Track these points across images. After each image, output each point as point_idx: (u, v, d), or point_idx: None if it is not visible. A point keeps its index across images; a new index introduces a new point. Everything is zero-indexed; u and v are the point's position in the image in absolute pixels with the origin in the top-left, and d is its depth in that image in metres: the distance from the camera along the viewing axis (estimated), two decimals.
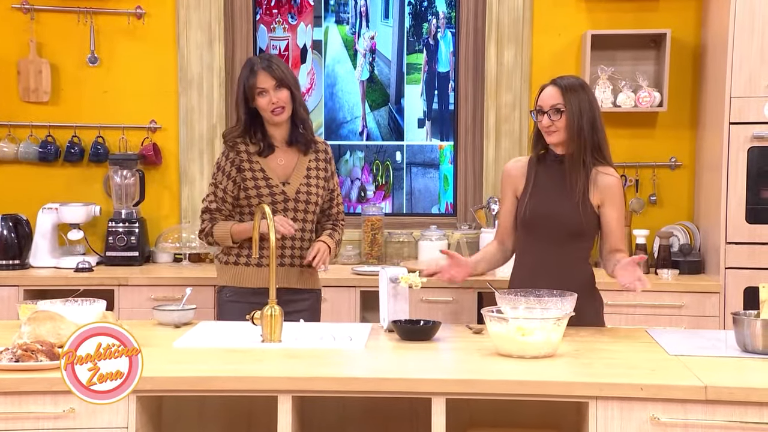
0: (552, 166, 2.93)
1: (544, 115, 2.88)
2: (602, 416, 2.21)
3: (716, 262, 3.93)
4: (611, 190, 2.87)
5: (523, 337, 2.44)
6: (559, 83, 2.90)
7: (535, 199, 2.91)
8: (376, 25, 4.74)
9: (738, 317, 2.54)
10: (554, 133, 2.87)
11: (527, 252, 2.96)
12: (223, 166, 3.19)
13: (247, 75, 3.15)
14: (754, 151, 3.84)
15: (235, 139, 3.20)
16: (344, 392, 2.30)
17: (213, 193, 3.20)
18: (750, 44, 3.79)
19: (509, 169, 3.03)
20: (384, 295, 2.85)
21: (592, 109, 2.88)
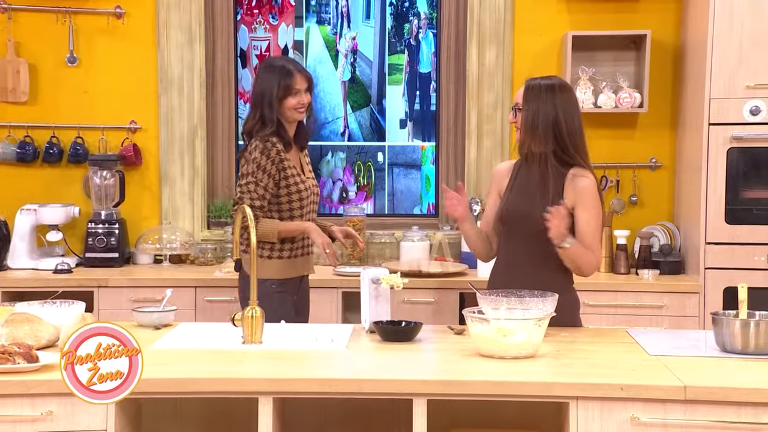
0: (531, 167, 2.97)
1: (518, 111, 2.96)
2: (582, 416, 2.22)
3: (696, 262, 3.96)
4: (583, 191, 2.89)
5: (504, 337, 2.45)
6: (528, 83, 2.95)
7: (513, 197, 2.97)
8: (357, 25, 4.74)
9: (717, 317, 2.56)
10: (517, 131, 2.97)
11: (504, 249, 3.00)
12: (264, 165, 3.27)
13: (282, 75, 3.30)
14: (734, 152, 3.87)
15: (271, 137, 3.30)
16: (325, 393, 2.30)
17: (255, 191, 3.28)
18: (729, 45, 3.82)
19: (496, 170, 3.14)
20: (365, 296, 2.85)
21: (555, 110, 2.88)
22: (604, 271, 4.19)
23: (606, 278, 4.10)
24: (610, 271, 4.19)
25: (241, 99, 4.77)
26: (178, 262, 4.45)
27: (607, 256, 4.21)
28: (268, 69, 3.36)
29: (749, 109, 3.83)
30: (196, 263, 4.45)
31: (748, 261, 3.85)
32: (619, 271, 4.15)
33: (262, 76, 3.36)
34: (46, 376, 2.27)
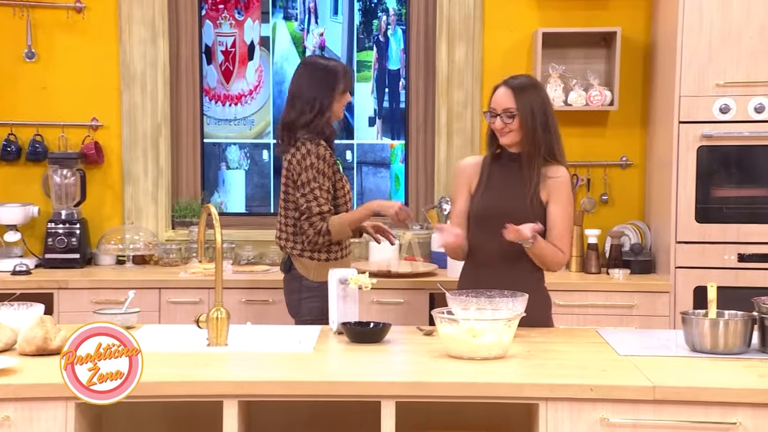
0: (506, 165, 2.99)
1: (497, 117, 2.93)
2: (552, 418, 2.24)
3: (667, 261, 4.00)
4: (558, 187, 2.94)
5: (474, 338, 2.46)
6: (512, 84, 2.95)
7: (488, 195, 2.98)
8: (325, 21, 4.74)
9: (687, 317, 2.60)
10: (508, 134, 2.95)
11: (478, 248, 3.01)
12: (322, 169, 3.35)
13: (343, 76, 3.44)
14: (704, 150, 3.92)
15: (318, 139, 3.37)
16: (292, 396, 2.30)
17: (321, 196, 3.34)
18: (698, 43, 3.87)
19: (464, 166, 3.10)
20: (333, 297, 2.85)
21: (544, 109, 2.95)
22: (575, 270, 4.23)
23: (577, 278, 4.14)
24: (581, 271, 4.22)
25: (206, 96, 4.75)
26: (142, 263, 4.42)
27: (577, 255, 4.24)
28: (323, 69, 3.43)
29: (719, 107, 3.88)
30: (160, 264, 4.42)
31: (718, 260, 3.91)
32: (589, 270, 4.19)
33: (317, 75, 3.40)
34: (2, 380, 2.24)
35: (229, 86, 4.76)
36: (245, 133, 4.80)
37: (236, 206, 4.82)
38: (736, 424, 2.19)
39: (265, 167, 4.82)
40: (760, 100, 3.85)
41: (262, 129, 4.79)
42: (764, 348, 2.53)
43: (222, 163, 4.82)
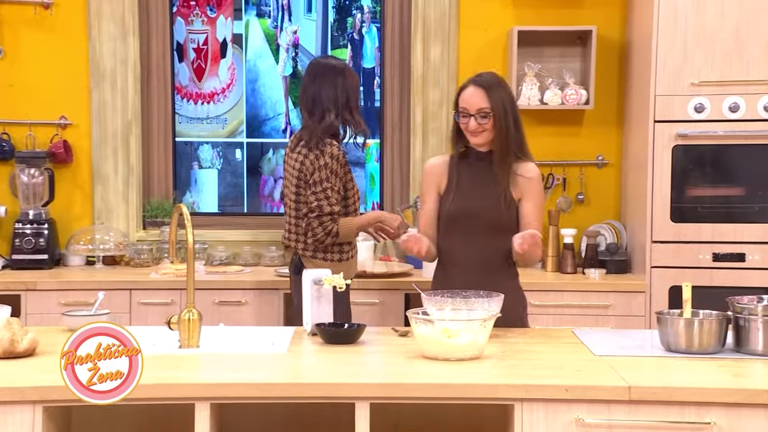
0: (475, 164, 3.00)
1: (470, 118, 2.93)
2: (527, 419, 2.25)
3: (642, 261, 4.03)
4: (531, 184, 2.97)
5: (449, 339, 2.46)
6: (481, 83, 2.95)
7: (460, 195, 2.98)
8: (299, 19, 4.72)
9: (662, 316, 2.61)
10: (481, 134, 2.95)
11: (451, 250, 3.01)
12: (336, 169, 3.39)
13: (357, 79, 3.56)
14: (679, 150, 3.96)
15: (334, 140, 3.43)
16: (265, 398, 2.29)
17: (332, 196, 3.38)
18: (673, 42, 3.90)
19: (431, 167, 3.08)
20: (307, 298, 2.84)
21: (513, 105, 2.97)
22: (551, 270, 4.25)
23: (552, 278, 4.16)
24: (557, 271, 4.24)
25: (178, 94, 4.72)
26: (112, 264, 4.39)
27: (553, 255, 4.27)
28: (347, 72, 3.50)
29: (694, 107, 3.92)
30: (131, 265, 4.39)
31: (693, 260, 3.94)
32: (565, 270, 4.21)
33: (340, 78, 3.45)
34: None
35: (202, 84, 4.73)
36: (218, 131, 4.77)
37: (209, 206, 4.80)
38: (711, 423, 2.21)
39: (238, 166, 4.80)
40: (735, 99, 3.89)
41: (235, 128, 4.77)
42: (739, 348, 2.55)
43: (194, 162, 4.80)
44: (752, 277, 3.90)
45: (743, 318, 2.53)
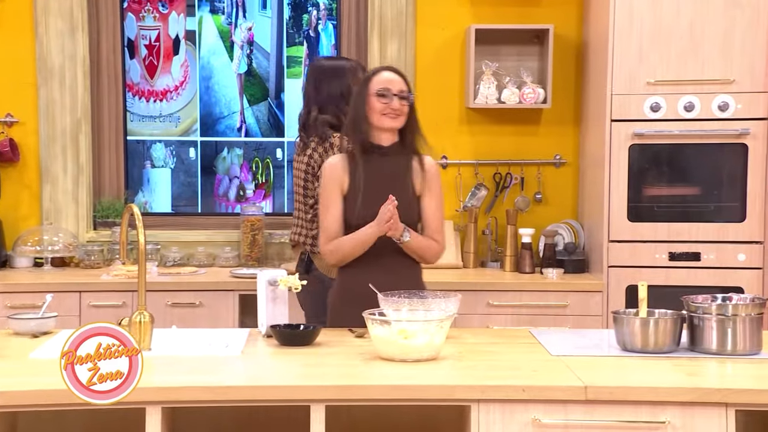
0: (376, 160, 2.97)
1: (393, 97, 2.93)
2: (484, 419, 2.26)
3: (600, 260, 4.08)
4: (433, 178, 3.00)
5: (406, 339, 2.47)
6: (396, 70, 3.01)
7: (369, 195, 2.94)
8: (253, 15, 4.70)
9: (618, 316, 2.65)
10: (399, 118, 2.95)
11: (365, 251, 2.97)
12: None
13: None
14: (635, 149, 4.01)
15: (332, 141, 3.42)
16: (218, 402, 2.28)
17: None
18: (629, 42, 3.95)
19: (332, 168, 3.00)
20: (262, 299, 2.83)
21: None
22: (509, 270, 4.28)
23: (511, 277, 4.19)
24: (515, 270, 4.28)
25: (130, 91, 4.67)
26: (61, 265, 4.34)
27: (512, 255, 4.30)
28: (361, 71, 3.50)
29: (650, 106, 3.97)
30: (81, 266, 4.34)
31: (649, 259, 4.00)
32: (523, 270, 4.24)
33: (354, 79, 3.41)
34: None
35: (154, 82, 4.69)
36: (171, 130, 4.73)
37: (162, 206, 4.76)
38: (665, 422, 2.24)
39: (192, 166, 4.76)
40: (690, 99, 3.95)
41: (189, 126, 4.74)
42: (693, 346, 2.59)
43: (147, 162, 4.75)
44: (707, 276, 3.97)
45: (697, 317, 2.58)
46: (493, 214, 4.50)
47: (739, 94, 3.93)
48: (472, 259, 4.39)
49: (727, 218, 4.00)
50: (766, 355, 2.55)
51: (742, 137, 3.95)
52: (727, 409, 2.23)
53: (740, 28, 3.90)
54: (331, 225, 2.98)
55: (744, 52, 3.91)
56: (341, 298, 3.04)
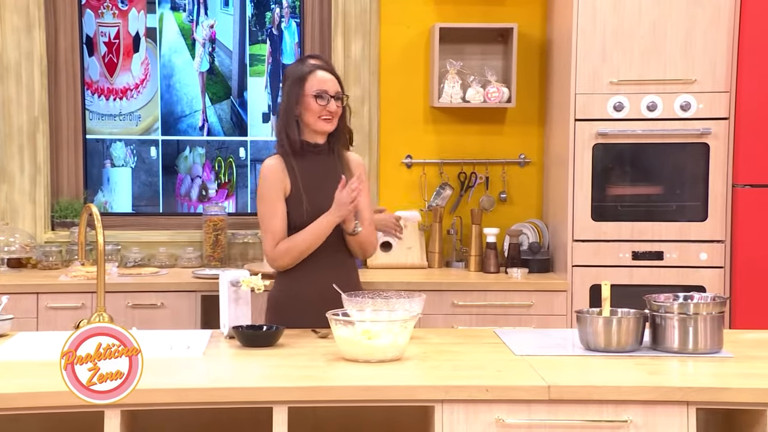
0: (312, 159, 3.01)
1: (330, 99, 2.98)
2: (447, 420, 2.28)
3: (564, 260, 4.12)
4: (362, 173, 3.07)
5: (370, 340, 2.48)
6: (331, 70, 3.05)
7: (314, 195, 2.98)
8: (215, 13, 4.68)
9: (581, 315, 2.67)
10: (334, 120, 3.01)
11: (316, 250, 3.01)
12: None
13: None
14: (599, 148, 4.05)
15: None
16: (179, 404, 2.27)
17: None
18: (592, 41, 3.99)
19: (275, 170, 2.99)
20: (224, 300, 2.83)
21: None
22: (474, 270, 4.31)
23: (475, 277, 4.21)
24: (480, 270, 4.30)
25: (89, 89, 4.63)
26: (18, 267, 4.29)
27: (476, 254, 4.32)
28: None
29: (613, 105, 4.02)
30: (38, 267, 4.29)
31: (613, 258, 4.04)
32: (488, 270, 4.27)
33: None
34: None
35: (113, 80, 4.65)
36: (131, 129, 4.70)
37: (122, 206, 4.72)
38: (627, 421, 2.27)
39: (153, 165, 4.73)
40: (652, 98, 4.00)
41: (150, 125, 4.70)
42: (655, 345, 2.63)
43: (106, 161, 4.71)
44: (670, 276, 4.02)
45: (659, 316, 2.61)
46: (458, 214, 4.52)
47: (700, 94, 3.99)
48: (436, 259, 4.41)
49: (689, 217, 4.05)
50: (727, 354, 2.59)
51: (704, 137, 4.00)
52: (688, 407, 2.27)
53: (702, 27, 3.96)
54: (279, 227, 2.98)
55: (706, 52, 3.97)
56: (285, 300, 3.06)
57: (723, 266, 4.02)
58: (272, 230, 2.99)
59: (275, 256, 3.00)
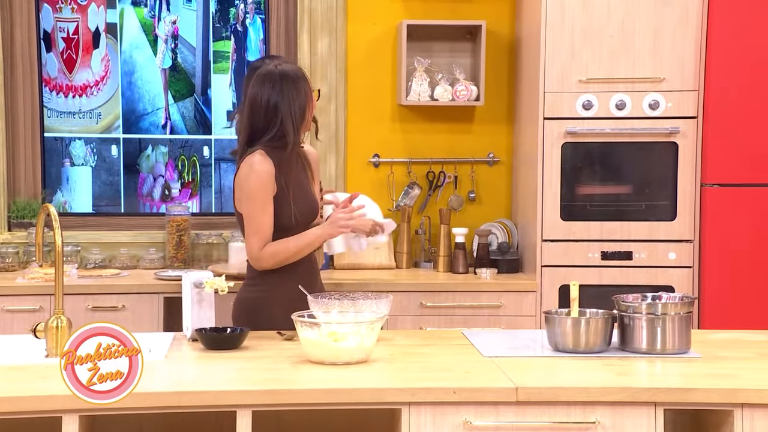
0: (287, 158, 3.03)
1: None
2: (415, 423, 2.28)
3: (533, 260, 4.14)
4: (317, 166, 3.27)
5: (336, 342, 2.48)
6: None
7: (301, 194, 3.04)
8: (178, 8, 4.65)
9: (549, 316, 2.69)
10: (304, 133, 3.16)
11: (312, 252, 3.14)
12: None
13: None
14: (568, 147, 4.08)
15: None
16: (141, 409, 2.25)
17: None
18: (561, 39, 4.02)
19: (268, 168, 2.97)
20: (187, 302, 2.81)
21: None
22: (442, 270, 4.32)
23: (444, 278, 4.22)
24: (449, 271, 4.31)
25: (47, 86, 4.58)
26: None
27: (445, 255, 4.33)
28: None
29: (582, 104, 4.05)
30: None
31: (582, 258, 4.07)
32: (457, 270, 4.28)
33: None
34: None
35: (72, 76, 4.60)
36: (91, 127, 4.65)
37: (82, 206, 4.68)
38: (595, 423, 2.29)
39: (114, 164, 4.69)
40: (621, 97, 4.04)
41: (111, 123, 4.66)
42: (624, 346, 2.65)
43: (65, 160, 4.67)
44: (639, 275, 4.06)
45: (628, 316, 2.64)
46: (427, 214, 4.53)
47: (669, 93, 4.03)
48: (405, 260, 4.41)
49: (658, 217, 4.10)
50: (695, 354, 2.63)
51: (673, 135, 4.05)
52: (656, 408, 2.29)
53: (670, 26, 4.00)
54: (267, 228, 2.97)
55: (674, 51, 4.01)
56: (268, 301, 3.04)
57: (692, 266, 4.07)
58: (261, 230, 2.97)
59: (261, 257, 2.99)
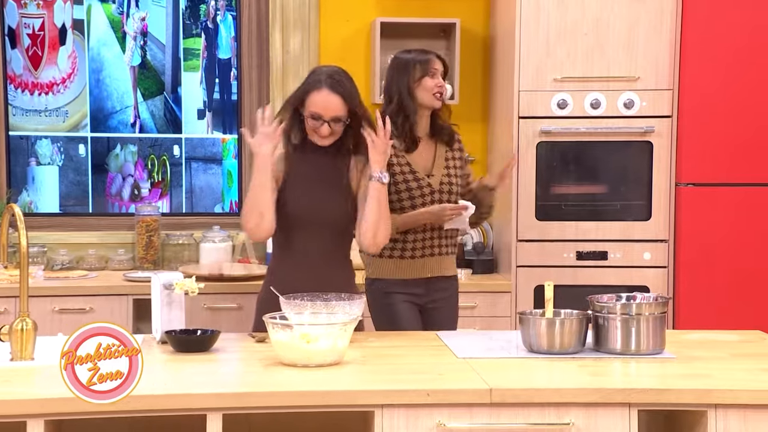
0: (313, 158, 3.00)
1: (323, 123, 2.93)
2: (388, 425, 2.28)
3: (508, 260, 4.16)
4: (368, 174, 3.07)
5: (308, 344, 2.47)
6: (338, 90, 2.93)
7: (306, 194, 2.98)
8: (147, 4, 4.62)
9: (524, 317, 2.70)
10: (329, 137, 2.97)
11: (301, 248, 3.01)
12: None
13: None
14: (543, 146, 4.10)
15: None
16: (107, 413, 2.23)
17: None
18: (536, 37, 4.04)
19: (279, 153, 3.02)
20: (156, 304, 2.80)
21: (362, 103, 3.01)
22: None
23: None
24: None
25: (11, 84, 4.54)
26: None
27: None
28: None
29: (557, 103, 4.07)
30: None
31: (557, 258, 4.09)
32: None
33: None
34: None
35: (38, 74, 4.57)
36: (58, 125, 4.62)
37: (49, 206, 4.64)
38: (569, 424, 2.30)
39: (81, 163, 4.66)
40: (596, 95, 4.06)
41: (78, 121, 4.63)
42: (598, 347, 2.67)
43: (31, 159, 4.63)
44: (614, 276, 4.09)
45: (602, 317, 2.65)
46: None
47: (644, 92, 4.06)
48: None
49: (633, 217, 4.12)
50: (669, 355, 2.64)
51: (647, 135, 4.08)
52: (630, 409, 2.30)
53: (644, 25, 4.03)
54: None
55: (648, 50, 4.04)
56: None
57: (666, 266, 4.10)
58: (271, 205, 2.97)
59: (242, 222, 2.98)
